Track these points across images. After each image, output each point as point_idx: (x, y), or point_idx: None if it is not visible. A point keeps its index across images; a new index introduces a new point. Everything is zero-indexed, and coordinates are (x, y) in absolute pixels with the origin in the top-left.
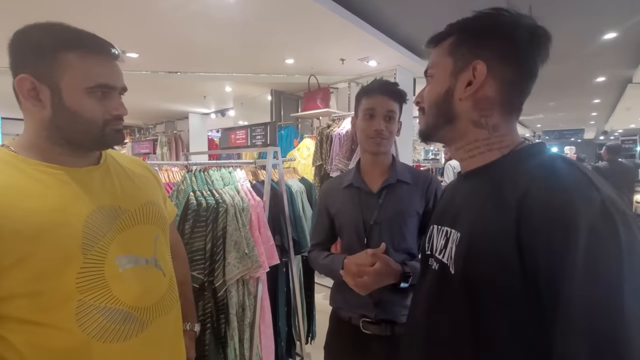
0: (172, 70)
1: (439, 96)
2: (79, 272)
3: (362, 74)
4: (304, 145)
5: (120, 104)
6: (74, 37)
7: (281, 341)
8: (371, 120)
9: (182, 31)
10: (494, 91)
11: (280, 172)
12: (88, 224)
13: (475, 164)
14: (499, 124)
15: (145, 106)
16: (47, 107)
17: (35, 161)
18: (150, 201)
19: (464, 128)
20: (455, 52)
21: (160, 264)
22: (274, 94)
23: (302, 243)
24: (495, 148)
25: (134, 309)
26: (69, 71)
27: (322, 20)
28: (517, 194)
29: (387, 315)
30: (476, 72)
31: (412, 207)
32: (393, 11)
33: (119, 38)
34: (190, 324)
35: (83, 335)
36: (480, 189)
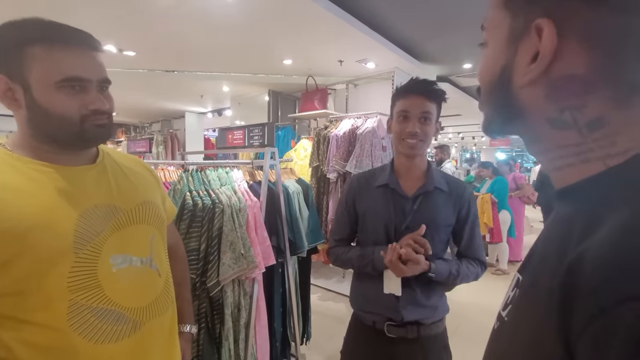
0: (169, 69)
1: (493, 78)
2: (70, 272)
3: (360, 75)
4: (301, 146)
5: (98, 97)
6: (39, 29)
7: (276, 342)
8: (405, 122)
9: (179, 30)
10: (584, 64)
11: (278, 173)
12: (80, 222)
13: (564, 180)
14: (602, 118)
15: (141, 104)
16: (22, 106)
17: (29, 159)
18: (147, 201)
19: (538, 129)
20: (513, 2)
21: (156, 264)
22: (272, 94)
23: (298, 244)
24: (595, 158)
25: (127, 310)
26: (35, 66)
27: (321, 21)
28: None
29: (414, 316)
30: (542, 36)
31: (445, 218)
32: (391, 13)
33: (116, 36)
34: (188, 325)
35: (74, 335)
36: (556, 223)
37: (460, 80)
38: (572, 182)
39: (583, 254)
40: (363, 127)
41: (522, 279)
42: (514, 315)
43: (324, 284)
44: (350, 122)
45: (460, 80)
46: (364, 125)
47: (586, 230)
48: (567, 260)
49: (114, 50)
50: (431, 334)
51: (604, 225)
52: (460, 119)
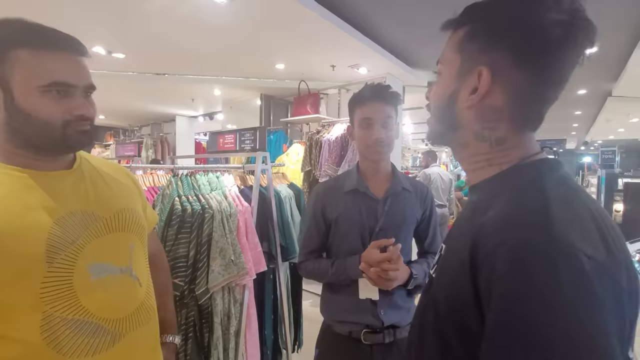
0: (159, 72)
1: (443, 100)
2: (43, 282)
3: (352, 80)
4: (293, 151)
5: (83, 103)
6: (25, 32)
7: (267, 350)
8: (369, 129)
9: (171, 33)
10: (503, 102)
11: (269, 178)
12: (54, 230)
13: (476, 179)
14: (505, 138)
15: (130, 107)
16: (1, 109)
17: (0, 164)
18: (127, 208)
19: (466, 139)
20: (464, 48)
21: (136, 274)
22: (264, 98)
23: (290, 249)
24: (496, 163)
25: (105, 321)
26: (19, 69)
27: (314, 26)
28: (482, 219)
29: (393, 320)
30: (481, 78)
31: (413, 214)
32: (384, 20)
33: (105, 38)
34: (171, 336)
35: (47, 349)
36: (469, 207)
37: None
38: (480, 180)
39: (482, 224)
40: None
41: (446, 245)
42: (439, 269)
43: (316, 290)
44: (343, 127)
45: None
46: None
47: (485, 209)
48: (472, 232)
49: (102, 52)
50: (406, 336)
51: (494, 205)
52: None
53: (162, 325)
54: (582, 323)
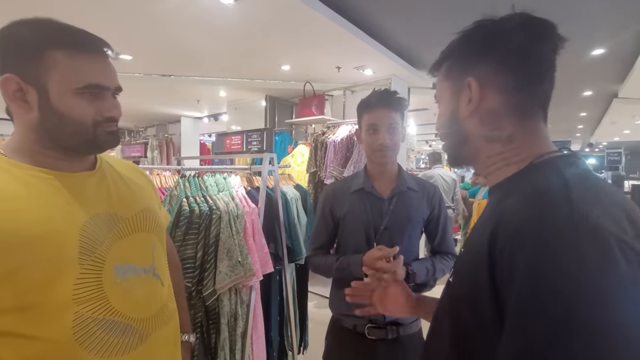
0: (165, 74)
1: (447, 119)
2: (76, 283)
3: (357, 82)
4: (298, 152)
5: (113, 105)
6: (62, 34)
7: (273, 351)
8: (375, 134)
9: (178, 34)
10: (497, 102)
11: (276, 179)
12: (84, 232)
13: (494, 181)
14: (514, 135)
15: (136, 109)
16: (34, 109)
17: (26, 165)
18: (146, 208)
19: (478, 145)
20: (450, 74)
21: (159, 273)
22: (269, 99)
23: (296, 251)
24: (512, 162)
25: (134, 321)
26: (56, 71)
27: (320, 28)
28: (501, 208)
29: (395, 316)
30: (471, 88)
31: (419, 214)
32: (389, 21)
33: (113, 39)
34: (186, 334)
35: (79, 349)
36: (488, 207)
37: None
38: (499, 181)
39: (502, 211)
40: None
41: (463, 250)
42: (456, 269)
43: (321, 291)
44: (348, 128)
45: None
46: None
47: (505, 203)
48: (494, 218)
49: (110, 54)
50: (410, 333)
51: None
52: None
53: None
54: (605, 299)
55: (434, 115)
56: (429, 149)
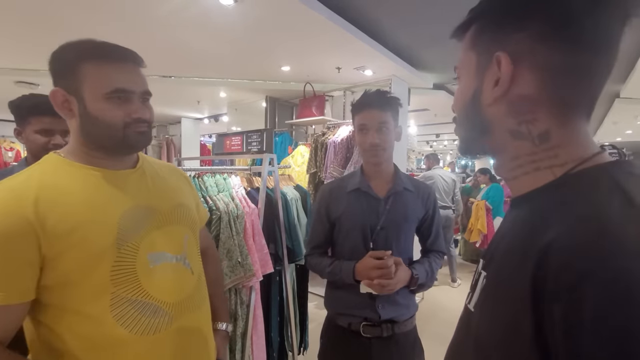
0: (166, 75)
1: (466, 102)
2: (113, 266)
3: (357, 82)
4: (298, 153)
5: (140, 107)
6: (91, 48)
7: (273, 352)
8: (365, 134)
9: (178, 35)
10: (535, 87)
11: (276, 179)
12: (122, 221)
13: (519, 189)
14: (549, 132)
15: None
16: (76, 115)
17: (79, 164)
18: (181, 203)
19: (502, 140)
20: (477, 43)
21: (189, 263)
22: (269, 100)
23: (296, 251)
24: (545, 166)
25: (163, 304)
26: (88, 80)
27: (320, 28)
28: (543, 242)
29: (390, 314)
30: (501, 66)
31: (415, 214)
32: (389, 21)
33: (113, 41)
34: (224, 323)
35: (116, 325)
36: (516, 225)
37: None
38: (529, 190)
39: (546, 248)
40: None
41: (488, 274)
42: (483, 305)
43: (321, 292)
44: (348, 129)
45: (455, 88)
46: None
47: (543, 229)
48: (534, 254)
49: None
50: (405, 331)
51: (556, 222)
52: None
53: (214, 313)
54: None
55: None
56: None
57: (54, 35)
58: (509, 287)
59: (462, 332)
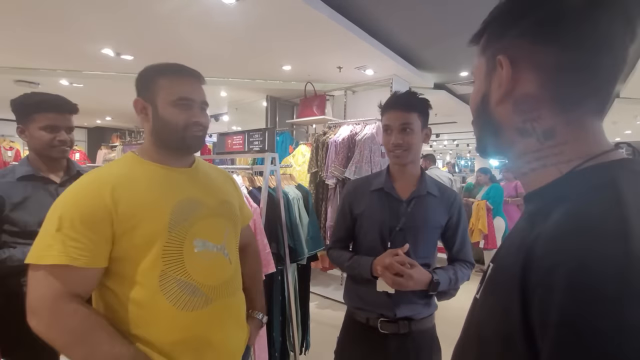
0: None
1: (477, 105)
2: (164, 246)
3: (358, 82)
4: (299, 152)
5: (199, 113)
6: (166, 67)
7: (275, 352)
8: (388, 135)
9: (179, 35)
10: (536, 86)
11: (278, 179)
12: (176, 209)
13: (529, 185)
14: (554, 129)
15: None
16: (150, 119)
17: (147, 161)
18: (226, 200)
19: (511, 138)
20: (486, 50)
21: (228, 253)
22: (270, 100)
23: (298, 251)
24: (551, 163)
25: (202, 285)
26: (161, 90)
27: (321, 28)
28: (537, 231)
29: (406, 313)
30: (502, 68)
31: (436, 219)
32: (390, 21)
33: (114, 40)
34: (260, 313)
35: (163, 298)
36: (523, 219)
37: (457, 88)
38: (537, 187)
39: (537, 235)
40: (362, 133)
41: (494, 265)
42: (485, 293)
43: (322, 292)
44: (349, 128)
45: (456, 88)
46: (363, 132)
47: (540, 222)
48: (525, 245)
49: (111, 54)
50: (422, 329)
51: (552, 215)
52: (455, 126)
53: (252, 303)
54: None
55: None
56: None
57: (54, 34)
58: (504, 276)
59: (468, 320)
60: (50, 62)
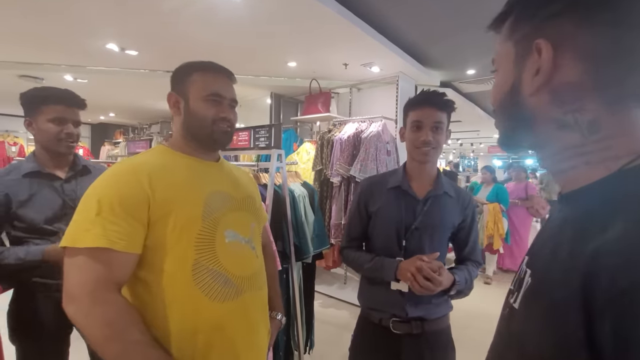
0: (170, 70)
1: (505, 94)
2: (198, 234)
3: (363, 79)
4: (303, 150)
5: (228, 110)
6: (200, 64)
7: (279, 351)
8: (418, 131)
9: (184, 30)
10: (580, 72)
11: (284, 176)
12: (208, 199)
13: (568, 185)
14: (599, 121)
15: (141, 105)
16: (182, 113)
17: (179, 153)
18: (250, 196)
19: (547, 132)
20: (514, 33)
21: (255, 246)
22: (274, 97)
23: (303, 249)
24: (597, 160)
25: (233, 276)
26: (194, 85)
27: (329, 23)
28: (592, 246)
29: (418, 313)
30: (542, 53)
31: (451, 220)
32: (397, 17)
33: (119, 35)
34: (279, 314)
35: (196, 288)
36: (566, 224)
37: (463, 86)
38: (580, 186)
39: (596, 252)
40: (368, 131)
41: (533, 272)
42: (528, 305)
43: (326, 291)
44: (355, 126)
45: (462, 87)
46: (369, 129)
47: (596, 230)
48: (581, 259)
49: (116, 49)
50: (436, 330)
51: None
52: (460, 125)
53: (271, 304)
54: None
55: None
56: None
57: (59, 28)
58: (556, 290)
59: (505, 331)
60: (54, 57)
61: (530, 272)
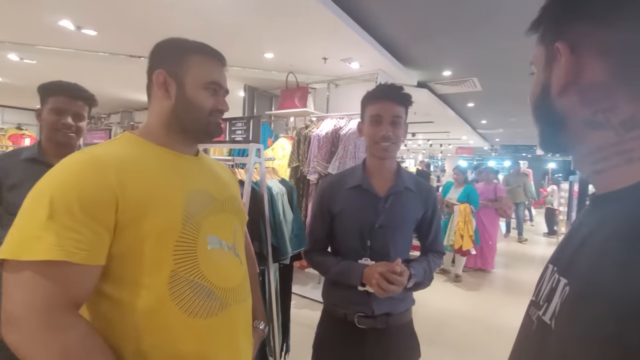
0: (134, 54)
1: (537, 97)
2: (177, 242)
3: (342, 75)
4: (279, 146)
5: (224, 101)
6: (198, 45)
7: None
8: (378, 125)
9: (151, 11)
10: (604, 71)
11: (262, 172)
12: (188, 201)
13: (607, 185)
14: (635, 117)
15: (99, 93)
16: (172, 97)
17: (152, 144)
18: (233, 196)
19: (578, 132)
20: (544, 37)
21: (238, 253)
22: (248, 89)
23: (281, 250)
24: (638, 157)
25: (217, 288)
26: (193, 69)
27: (310, 12)
28: None
29: (384, 309)
30: (561, 56)
31: (414, 214)
32: (380, 14)
33: (75, 11)
34: (262, 322)
35: (172, 304)
36: (607, 227)
37: (438, 87)
38: (621, 187)
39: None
40: (346, 128)
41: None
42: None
43: (300, 291)
44: (333, 123)
45: (438, 88)
46: (348, 126)
47: None
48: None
49: (71, 27)
50: (399, 323)
51: None
52: (431, 126)
53: (253, 312)
54: None
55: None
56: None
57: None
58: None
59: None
60: None
61: (565, 282)
